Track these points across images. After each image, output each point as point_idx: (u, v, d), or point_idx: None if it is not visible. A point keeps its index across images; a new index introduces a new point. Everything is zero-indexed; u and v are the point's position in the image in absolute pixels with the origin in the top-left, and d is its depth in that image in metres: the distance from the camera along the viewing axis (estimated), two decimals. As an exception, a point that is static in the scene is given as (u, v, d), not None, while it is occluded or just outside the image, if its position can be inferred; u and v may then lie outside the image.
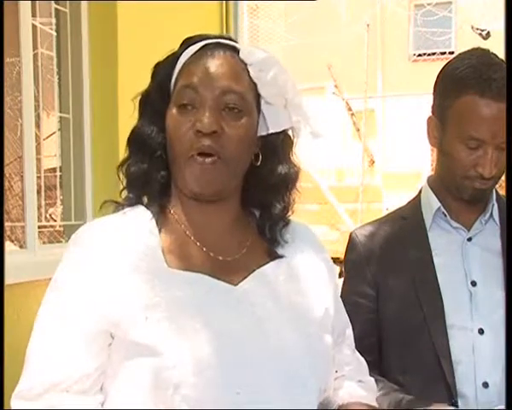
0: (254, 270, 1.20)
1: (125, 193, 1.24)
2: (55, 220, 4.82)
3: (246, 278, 1.19)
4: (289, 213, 1.28)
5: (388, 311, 1.65)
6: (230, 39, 1.24)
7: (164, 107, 1.20)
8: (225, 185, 1.19)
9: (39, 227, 3.56)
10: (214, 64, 1.17)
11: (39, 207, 3.71)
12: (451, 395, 1.54)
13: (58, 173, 3.97)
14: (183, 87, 1.17)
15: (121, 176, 1.24)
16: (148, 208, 1.20)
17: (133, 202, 1.22)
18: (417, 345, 1.60)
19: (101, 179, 3.57)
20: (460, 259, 1.63)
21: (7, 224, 4.76)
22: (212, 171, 1.16)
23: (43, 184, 3.79)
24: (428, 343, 1.57)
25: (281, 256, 1.25)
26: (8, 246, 4.59)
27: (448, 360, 1.56)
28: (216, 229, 1.21)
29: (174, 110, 1.18)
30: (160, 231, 1.18)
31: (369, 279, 1.67)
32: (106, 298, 1.11)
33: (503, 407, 1.42)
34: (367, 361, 1.63)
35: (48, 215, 5.18)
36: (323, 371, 1.20)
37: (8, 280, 2.01)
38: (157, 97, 1.20)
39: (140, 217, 1.19)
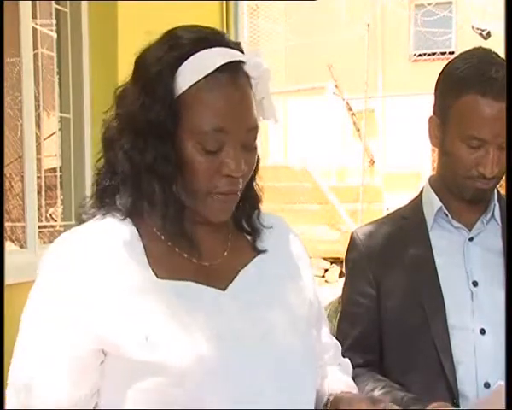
0: (239, 270, 1.19)
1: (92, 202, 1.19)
2: (56, 220, 4.83)
3: (233, 280, 1.17)
4: (261, 201, 1.27)
5: (389, 310, 1.64)
6: (219, 34, 1.17)
7: (170, 125, 1.10)
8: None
9: (39, 227, 3.57)
10: (238, 99, 1.12)
11: (40, 207, 3.71)
12: (452, 395, 1.53)
13: (58, 173, 3.98)
14: (213, 131, 1.10)
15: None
16: (124, 219, 1.15)
17: (106, 214, 1.17)
18: (418, 345, 1.60)
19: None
20: (461, 259, 1.63)
21: (7, 224, 4.77)
22: (230, 204, 1.17)
23: (43, 184, 3.80)
24: (429, 343, 1.57)
25: (263, 251, 1.24)
26: (9, 246, 4.59)
27: (449, 360, 1.55)
28: (197, 235, 1.18)
29: (200, 151, 1.11)
30: (141, 241, 1.14)
31: (370, 279, 1.67)
32: (96, 316, 1.07)
33: (502, 382, 1.40)
34: (368, 361, 1.63)
35: (48, 215, 5.18)
36: (316, 368, 1.21)
37: (8, 280, 2.01)
38: (161, 117, 1.10)
39: (121, 228, 1.14)
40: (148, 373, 1.05)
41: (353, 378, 1.42)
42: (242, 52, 1.16)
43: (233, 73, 1.12)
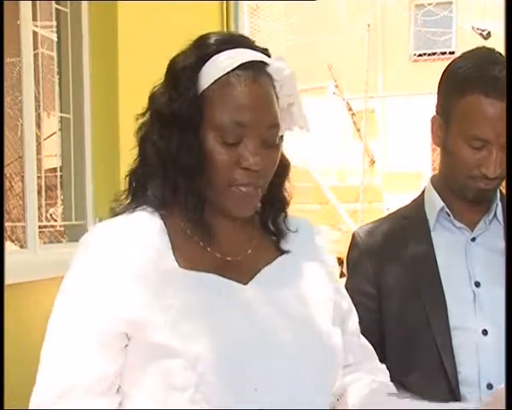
0: (261, 268, 1.22)
1: (123, 197, 1.24)
2: (56, 220, 4.83)
3: (255, 276, 1.20)
4: (288, 204, 1.31)
5: (390, 310, 1.64)
6: (246, 38, 1.21)
7: (194, 120, 1.15)
8: (257, 204, 1.23)
9: (40, 227, 3.56)
10: (258, 95, 1.16)
11: (40, 207, 3.71)
12: (454, 397, 1.53)
13: (58, 173, 3.97)
14: (233, 125, 1.14)
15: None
16: (153, 212, 1.20)
17: (136, 207, 1.21)
18: (419, 345, 1.60)
19: (102, 179, 3.56)
20: (463, 259, 1.62)
21: (7, 224, 4.77)
22: (252, 198, 1.19)
23: (43, 184, 3.79)
24: (431, 344, 1.57)
25: (287, 251, 1.27)
26: (9, 246, 4.59)
27: (451, 360, 1.55)
28: (222, 230, 1.22)
29: (219, 143, 1.15)
30: (168, 233, 1.18)
31: (371, 278, 1.67)
32: (121, 300, 1.10)
33: (503, 385, 1.40)
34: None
35: (48, 215, 5.18)
36: (337, 367, 1.22)
37: (8, 280, 2.01)
38: (184, 108, 1.15)
39: (148, 220, 1.18)
40: (165, 356, 1.08)
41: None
42: (269, 57, 1.20)
43: (254, 71, 1.16)
